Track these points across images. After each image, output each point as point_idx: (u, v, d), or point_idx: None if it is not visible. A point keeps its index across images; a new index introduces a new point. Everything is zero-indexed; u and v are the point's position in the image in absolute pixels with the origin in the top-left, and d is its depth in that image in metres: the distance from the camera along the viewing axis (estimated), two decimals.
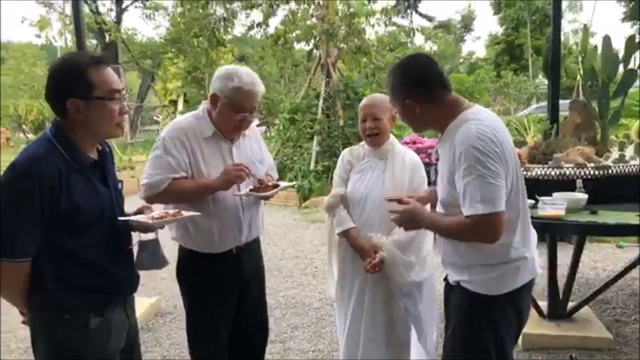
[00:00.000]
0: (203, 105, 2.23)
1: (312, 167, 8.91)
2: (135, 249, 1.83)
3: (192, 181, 2.11)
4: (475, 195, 1.62)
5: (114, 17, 23.50)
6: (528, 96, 23.01)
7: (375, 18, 10.91)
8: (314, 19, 10.39)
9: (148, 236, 1.86)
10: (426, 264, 2.45)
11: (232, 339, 2.32)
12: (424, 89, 1.77)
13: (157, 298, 4.21)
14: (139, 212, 1.80)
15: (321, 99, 9.60)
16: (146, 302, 4.00)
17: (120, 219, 1.69)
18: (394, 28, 12.82)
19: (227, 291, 2.25)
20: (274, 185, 2.24)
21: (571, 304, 3.49)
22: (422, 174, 2.50)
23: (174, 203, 2.10)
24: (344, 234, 2.47)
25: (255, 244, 2.37)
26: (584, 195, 2.70)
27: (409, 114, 1.82)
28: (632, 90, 3.94)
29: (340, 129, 9.30)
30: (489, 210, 1.61)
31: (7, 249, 1.51)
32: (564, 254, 3.82)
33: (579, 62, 3.75)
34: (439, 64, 1.87)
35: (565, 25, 30.02)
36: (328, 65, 9.90)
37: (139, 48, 24.78)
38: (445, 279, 1.98)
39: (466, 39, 43.05)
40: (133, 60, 22.64)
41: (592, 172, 2.85)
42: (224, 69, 2.17)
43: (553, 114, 3.67)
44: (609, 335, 3.30)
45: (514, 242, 1.76)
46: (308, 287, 4.60)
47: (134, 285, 1.81)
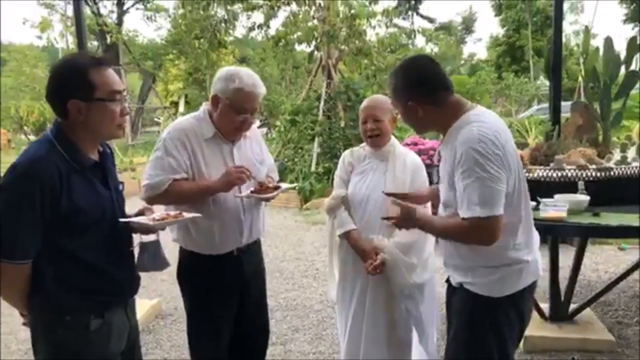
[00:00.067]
0: (204, 106, 2.22)
1: (313, 169, 8.90)
2: (136, 251, 1.82)
3: (193, 182, 2.11)
4: (473, 198, 1.62)
5: (115, 19, 23.56)
6: (529, 98, 22.99)
7: (376, 20, 10.89)
8: (315, 20, 10.39)
9: (149, 238, 1.85)
10: (427, 265, 2.44)
11: (233, 341, 2.32)
12: (427, 91, 1.77)
13: (158, 300, 4.20)
14: (140, 214, 1.79)
15: (322, 101, 9.60)
16: (147, 304, 4.00)
17: (121, 220, 1.69)
18: (395, 30, 12.79)
19: (228, 293, 2.25)
20: (275, 187, 2.23)
21: (573, 306, 3.48)
22: (424, 175, 2.50)
23: (175, 204, 2.09)
24: (345, 236, 2.47)
25: (256, 245, 2.36)
26: (585, 197, 2.70)
27: (411, 115, 1.81)
28: (634, 92, 3.93)
29: (341, 130, 9.29)
30: (486, 213, 1.60)
31: (8, 251, 1.51)
32: (566, 256, 3.82)
33: (581, 64, 3.74)
34: (440, 65, 1.87)
35: (566, 27, 30.01)
36: (329, 67, 9.90)
37: (140, 50, 24.81)
38: (448, 281, 1.97)
39: (467, 41, 43.09)
40: (134, 61, 22.66)
41: (594, 174, 2.84)
42: (225, 70, 2.17)
43: (555, 115, 3.67)
44: (611, 338, 3.29)
45: (516, 245, 1.76)
46: (309, 289, 4.59)
47: (134, 287, 1.80)
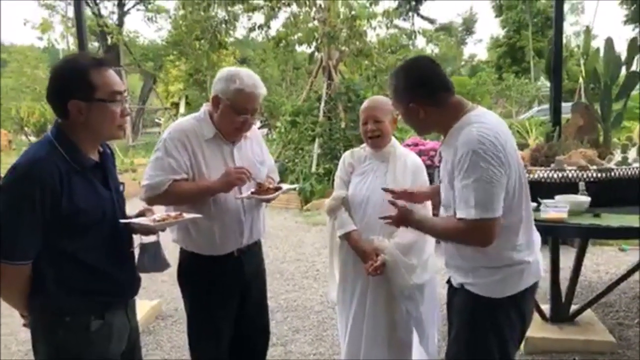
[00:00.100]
0: (204, 107, 2.22)
1: (314, 170, 8.90)
2: (136, 252, 1.82)
3: (193, 183, 2.10)
4: (469, 199, 1.61)
5: (115, 20, 23.62)
6: (530, 99, 23.01)
7: (376, 21, 10.91)
8: (316, 21, 10.40)
9: (149, 238, 1.85)
10: (428, 266, 2.44)
11: (233, 341, 2.31)
12: (428, 92, 1.76)
13: (158, 301, 4.20)
14: (141, 215, 1.80)
15: (322, 102, 9.60)
16: (147, 305, 4.00)
17: (122, 221, 1.69)
18: (395, 30, 12.83)
19: (228, 294, 2.24)
20: (275, 188, 2.23)
21: (574, 307, 3.48)
22: (424, 176, 2.50)
23: (175, 205, 2.09)
24: (346, 237, 2.47)
25: (256, 246, 2.36)
26: (586, 198, 2.69)
27: (412, 117, 1.81)
28: (634, 93, 3.93)
29: (341, 131, 9.29)
30: (480, 215, 1.60)
31: (8, 252, 1.50)
32: (567, 257, 3.81)
33: (581, 65, 3.75)
34: (441, 66, 1.87)
35: (567, 28, 30.02)
36: (329, 68, 9.91)
37: (140, 51, 24.87)
38: (449, 282, 1.97)
39: (468, 42, 43.04)
40: (135, 62, 22.70)
41: (595, 175, 2.84)
42: (225, 71, 2.17)
43: (555, 116, 3.67)
44: (612, 339, 3.29)
45: (517, 245, 1.75)
46: (309, 290, 4.59)
47: (135, 288, 1.80)
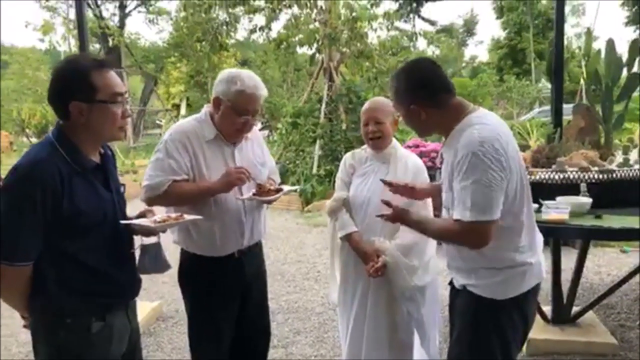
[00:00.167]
0: (205, 108, 2.22)
1: (315, 171, 8.90)
2: (137, 253, 1.82)
3: (193, 184, 2.10)
4: (466, 201, 1.61)
5: (117, 22, 23.67)
6: (531, 100, 23.01)
7: (377, 22, 10.91)
8: (317, 23, 10.41)
9: (150, 240, 1.85)
10: (429, 268, 2.43)
11: (234, 343, 2.31)
12: (429, 94, 1.76)
13: (159, 302, 4.20)
14: (141, 216, 1.79)
15: (324, 103, 9.61)
16: (148, 306, 4.00)
17: (122, 222, 1.68)
18: (396, 32, 12.80)
19: (229, 295, 2.24)
20: (276, 190, 2.23)
21: (575, 308, 3.47)
22: (425, 177, 2.49)
23: (175, 205, 2.09)
24: (347, 238, 2.46)
25: (257, 247, 2.36)
26: (588, 199, 2.69)
27: (414, 119, 1.81)
28: (636, 95, 3.93)
29: (342, 132, 9.30)
30: (476, 218, 1.60)
31: (9, 253, 1.50)
32: (568, 259, 3.81)
33: (582, 66, 3.75)
34: (442, 68, 1.87)
35: (568, 29, 30.09)
36: (330, 69, 9.91)
37: (141, 52, 24.92)
38: (451, 283, 1.96)
39: (469, 43, 43.08)
40: (136, 64, 22.75)
41: (596, 176, 2.83)
42: (226, 72, 2.17)
43: (556, 118, 3.67)
44: (614, 341, 3.28)
45: (520, 247, 1.75)
46: (310, 292, 4.58)
47: (135, 289, 1.80)
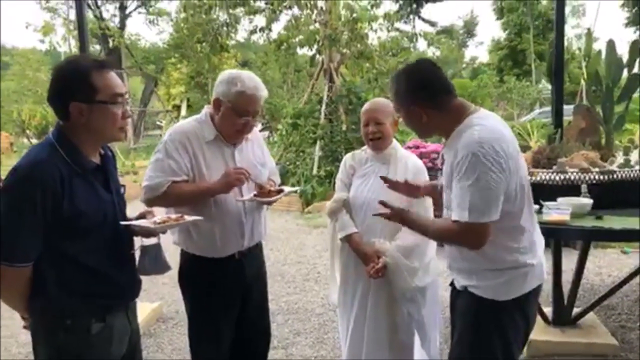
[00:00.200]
0: (206, 109, 2.22)
1: (315, 172, 8.90)
2: (137, 254, 1.81)
3: (193, 184, 2.10)
4: (465, 202, 1.61)
5: (117, 23, 23.67)
6: (531, 101, 23.04)
7: (377, 23, 10.92)
8: (317, 24, 10.42)
9: (150, 241, 1.84)
10: (429, 269, 2.43)
11: (234, 344, 2.30)
12: (429, 95, 1.76)
13: (159, 303, 4.20)
14: (141, 217, 1.79)
15: (324, 104, 9.61)
16: (148, 308, 3.99)
17: (122, 223, 1.68)
18: (396, 33, 12.80)
19: (230, 296, 2.24)
20: (277, 191, 2.23)
21: (576, 310, 3.47)
22: (425, 178, 2.49)
23: (175, 206, 2.09)
24: (347, 239, 2.46)
25: (257, 248, 2.36)
26: (588, 200, 2.68)
27: (414, 120, 1.81)
28: (636, 95, 3.93)
29: (342, 133, 9.30)
30: (473, 219, 1.60)
31: (9, 254, 1.50)
32: (569, 260, 3.81)
33: (583, 67, 3.75)
34: (442, 69, 1.86)
35: (568, 30, 30.03)
36: (331, 70, 9.92)
37: (142, 53, 24.91)
38: (452, 284, 1.96)
39: (469, 44, 43.12)
40: (136, 65, 22.75)
41: (597, 177, 2.83)
42: (227, 73, 2.17)
43: (557, 118, 3.66)
44: (614, 342, 3.27)
45: (521, 248, 1.75)
46: (310, 293, 4.58)
47: (136, 290, 1.79)
